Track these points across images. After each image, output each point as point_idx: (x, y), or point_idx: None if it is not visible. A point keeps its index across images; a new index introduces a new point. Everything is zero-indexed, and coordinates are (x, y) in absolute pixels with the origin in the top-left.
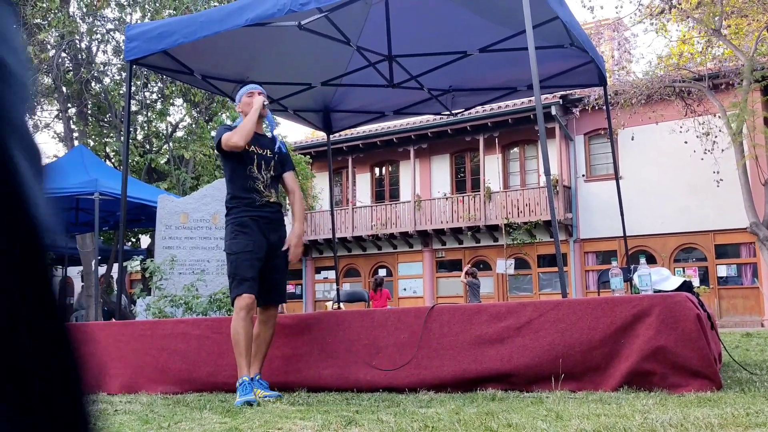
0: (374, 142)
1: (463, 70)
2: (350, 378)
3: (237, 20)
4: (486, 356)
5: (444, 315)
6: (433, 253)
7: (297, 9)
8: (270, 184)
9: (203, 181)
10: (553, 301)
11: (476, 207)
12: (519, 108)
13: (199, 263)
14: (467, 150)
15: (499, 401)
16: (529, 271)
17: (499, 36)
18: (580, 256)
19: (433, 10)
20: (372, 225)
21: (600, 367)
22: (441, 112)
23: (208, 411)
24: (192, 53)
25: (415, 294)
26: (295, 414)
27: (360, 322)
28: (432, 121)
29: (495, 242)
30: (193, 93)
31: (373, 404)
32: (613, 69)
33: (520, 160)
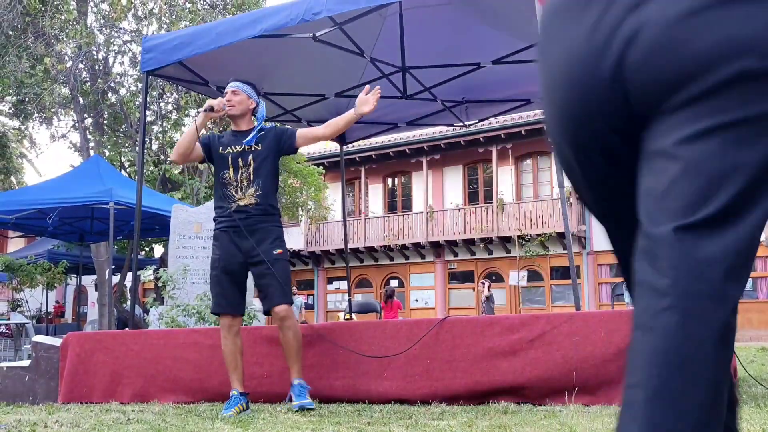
0: (387, 153)
1: (476, 81)
2: (361, 389)
3: (251, 31)
4: (498, 369)
5: (456, 327)
6: (446, 264)
7: (309, 19)
8: (248, 182)
9: None
10: (567, 313)
11: (489, 218)
12: (532, 119)
13: None
14: (480, 161)
15: (512, 414)
16: (541, 283)
17: (513, 48)
18: (593, 268)
19: (446, 23)
20: (384, 236)
21: (614, 381)
22: (454, 123)
23: (219, 421)
24: (207, 64)
25: (426, 305)
26: (306, 425)
27: (372, 333)
28: (445, 132)
29: (508, 254)
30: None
31: (385, 416)
32: None
33: (533, 171)
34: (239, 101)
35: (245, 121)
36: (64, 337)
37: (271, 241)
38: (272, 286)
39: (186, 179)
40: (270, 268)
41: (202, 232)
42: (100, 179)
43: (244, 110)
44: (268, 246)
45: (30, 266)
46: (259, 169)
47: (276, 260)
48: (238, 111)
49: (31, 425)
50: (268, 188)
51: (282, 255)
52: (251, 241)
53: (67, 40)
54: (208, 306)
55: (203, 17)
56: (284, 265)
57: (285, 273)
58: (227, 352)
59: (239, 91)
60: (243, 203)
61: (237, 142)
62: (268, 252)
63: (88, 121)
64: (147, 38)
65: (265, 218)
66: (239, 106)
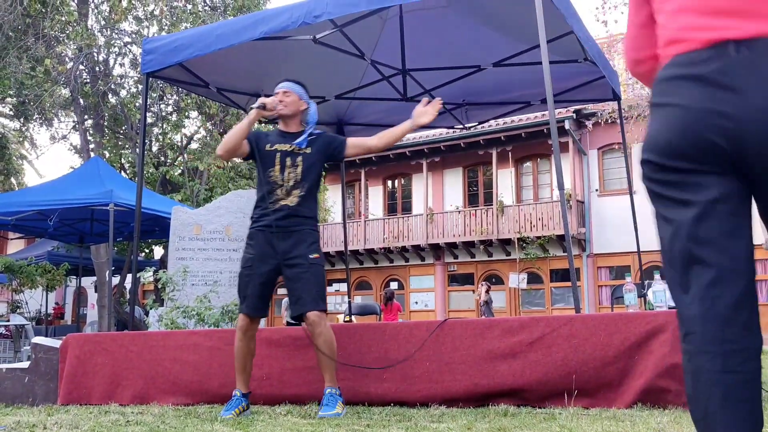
0: (387, 155)
1: (476, 83)
2: (361, 391)
3: (252, 33)
4: (498, 371)
5: (456, 329)
6: (445, 266)
7: (310, 21)
8: (295, 184)
9: (217, 193)
10: (566, 316)
11: (489, 221)
12: (532, 122)
13: (212, 275)
14: (480, 163)
15: (512, 417)
16: (541, 285)
17: (513, 50)
18: (593, 271)
19: (447, 25)
20: (384, 238)
21: (614, 384)
22: (454, 125)
23: (219, 423)
24: (207, 66)
25: (426, 307)
26: (306, 427)
27: (371, 335)
28: (445, 135)
29: (507, 256)
30: (208, 105)
31: (384, 418)
32: (627, 83)
33: (533, 174)
34: (291, 101)
35: (294, 122)
36: (63, 339)
37: (308, 244)
38: (305, 290)
39: (186, 181)
40: (306, 271)
41: (201, 234)
42: (100, 181)
43: (294, 111)
44: (305, 249)
45: (30, 267)
46: (306, 172)
47: (312, 264)
48: (289, 111)
49: (30, 427)
50: (311, 192)
51: (318, 260)
52: (289, 242)
53: (67, 41)
54: (208, 308)
55: (204, 19)
56: (320, 270)
57: (320, 278)
58: (238, 354)
59: (291, 92)
60: (284, 203)
61: (285, 141)
62: (305, 255)
63: (88, 122)
64: (147, 40)
65: (304, 221)
66: (291, 106)
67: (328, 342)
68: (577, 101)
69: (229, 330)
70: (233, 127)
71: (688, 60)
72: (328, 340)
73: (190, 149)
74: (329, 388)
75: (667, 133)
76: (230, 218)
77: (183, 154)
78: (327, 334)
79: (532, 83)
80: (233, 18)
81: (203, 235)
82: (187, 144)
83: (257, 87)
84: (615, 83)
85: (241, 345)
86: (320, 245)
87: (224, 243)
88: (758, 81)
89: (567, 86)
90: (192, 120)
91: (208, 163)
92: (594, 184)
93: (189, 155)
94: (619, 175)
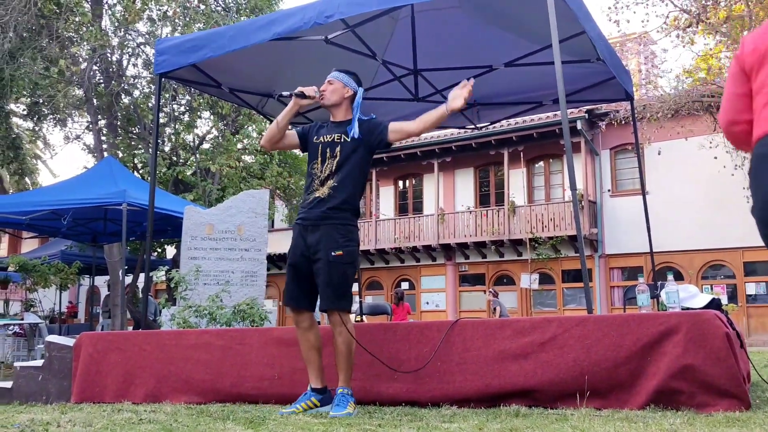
0: (398, 155)
1: (488, 84)
2: (372, 391)
3: (265, 34)
4: (509, 371)
5: (467, 329)
6: (456, 266)
7: (322, 21)
8: (330, 174)
9: (229, 193)
10: (579, 317)
11: (500, 221)
12: (544, 122)
13: (224, 274)
14: (491, 164)
15: (523, 417)
16: (553, 286)
17: (525, 50)
18: (605, 271)
19: (458, 25)
20: (395, 238)
21: (626, 385)
22: (466, 125)
23: (231, 422)
24: (220, 67)
25: (437, 308)
26: (317, 426)
27: (382, 335)
28: (456, 135)
29: (519, 257)
30: (220, 106)
31: (396, 418)
32: (641, 83)
33: (545, 174)
34: (333, 90)
35: (341, 110)
36: (77, 338)
37: (333, 240)
38: (322, 288)
39: (198, 181)
40: (324, 268)
41: (213, 234)
42: (113, 180)
43: (338, 99)
44: (328, 245)
45: (43, 267)
46: (343, 162)
47: (332, 262)
48: (331, 100)
49: (44, 425)
50: (348, 183)
51: (341, 258)
52: (316, 236)
53: (81, 42)
54: (220, 307)
55: (216, 20)
56: (339, 268)
57: (337, 277)
58: (301, 348)
59: (334, 80)
60: (317, 195)
61: (334, 131)
62: (327, 251)
63: (101, 122)
64: (160, 41)
65: (335, 213)
66: (333, 95)
67: (346, 342)
68: (589, 101)
69: (241, 330)
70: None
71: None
72: (347, 341)
73: (202, 149)
74: (341, 388)
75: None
76: (242, 218)
77: (195, 154)
78: (345, 334)
79: (544, 83)
80: (246, 20)
81: (215, 234)
82: (199, 144)
83: (269, 87)
84: (627, 83)
85: (299, 338)
86: (354, 239)
87: (236, 243)
88: None
89: (579, 86)
90: (204, 120)
91: (220, 164)
92: (606, 185)
93: (201, 155)
94: (631, 175)
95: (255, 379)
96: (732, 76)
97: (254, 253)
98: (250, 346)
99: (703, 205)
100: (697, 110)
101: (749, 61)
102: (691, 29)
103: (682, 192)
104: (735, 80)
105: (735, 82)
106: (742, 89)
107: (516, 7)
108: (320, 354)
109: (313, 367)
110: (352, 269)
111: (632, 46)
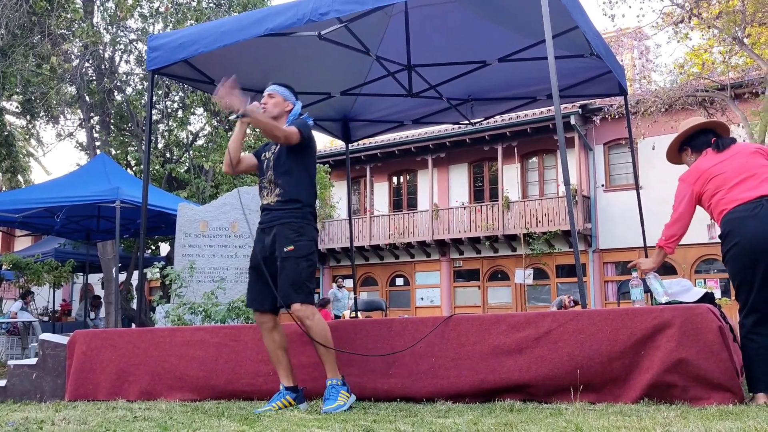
0: (392, 151)
1: (482, 79)
2: (367, 387)
3: (257, 29)
4: (504, 366)
5: (462, 325)
6: (451, 262)
7: (316, 19)
8: (273, 182)
9: (222, 190)
10: (573, 311)
11: (494, 216)
12: (538, 117)
13: (218, 271)
14: (485, 159)
15: (518, 412)
16: (547, 281)
17: (519, 45)
18: (599, 266)
19: (452, 20)
20: (389, 234)
21: (620, 379)
22: (460, 121)
23: (226, 419)
24: (213, 63)
25: (432, 303)
26: (313, 423)
27: (377, 331)
28: (450, 131)
29: (513, 252)
30: (214, 102)
31: (391, 414)
32: (635, 78)
33: (539, 169)
34: (275, 104)
35: (281, 123)
36: (71, 335)
37: (285, 236)
38: (281, 285)
39: (192, 178)
40: (281, 265)
41: (208, 231)
42: (106, 178)
43: (279, 112)
44: (281, 242)
45: (37, 264)
46: (282, 169)
47: (285, 258)
48: (273, 113)
49: (38, 423)
50: (290, 185)
51: (293, 252)
52: (270, 237)
53: (73, 39)
54: (215, 304)
55: (209, 16)
56: (293, 263)
57: (293, 271)
58: (267, 348)
59: (275, 93)
60: (265, 202)
61: (272, 145)
62: (280, 249)
63: (94, 119)
64: (153, 37)
65: (284, 214)
66: (274, 108)
67: (320, 332)
68: (583, 96)
69: (235, 326)
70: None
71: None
72: (320, 331)
73: (195, 146)
74: (330, 379)
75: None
76: (236, 215)
77: (189, 151)
78: (317, 325)
79: (538, 78)
80: (238, 15)
81: (209, 231)
82: (192, 141)
83: (263, 83)
84: (621, 78)
85: (264, 339)
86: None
87: (230, 239)
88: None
89: (573, 81)
90: (198, 117)
91: (213, 161)
92: (600, 180)
93: (195, 152)
94: (625, 170)
95: (249, 376)
96: (684, 199)
97: (248, 250)
98: (245, 343)
99: None
100: (690, 105)
101: (697, 187)
102: (683, 24)
103: (675, 187)
104: (690, 202)
105: (690, 203)
106: (693, 209)
107: (509, 2)
108: (287, 353)
109: (282, 367)
110: (306, 263)
111: (627, 41)
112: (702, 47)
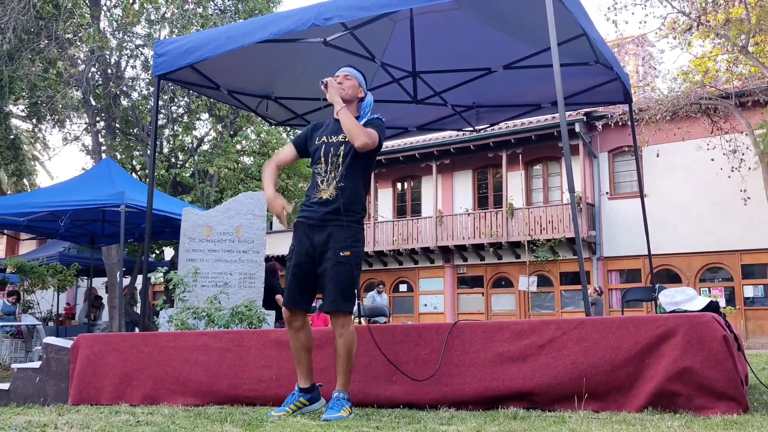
0: (397, 157)
1: (487, 86)
2: (370, 393)
3: (262, 35)
4: (508, 374)
5: (466, 332)
6: (455, 269)
7: (320, 23)
8: (337, 174)
9: (227, 195)
10: (577, 319)
11: (498, 223)
12: (543, 125)
13: (222, 276)
14: (490, 166)
15: (521, 420)
16: (551, 288)
17: (524, 53)
18: (603, 274)
19: (457, 28)
20: (393, 240)
21: (624, 388)
22: (464, 128)
23: (228, 424)
24: (218, 68)
25: (435, 310)
26: (315, 429)
27: (381, 338)
28: (454, 137)
29: (517, 259)
30: (219, 107)
31: (394, 420)
32: (638, 85)
33: (543, 176)
34: (351, 86)
35: (350, 109)
36: (74, 339)
37: (341, 240)
38: (328, 289)
39: (196, 182)
40: (331, 269)
41: (212, 236)
42: (111, 182)
43: (352, 96)
44: (336, 245)
45: (41, 268)
46: (349, 163)
47: (339, 263)
48: (348, 94)
49: (41, 426)
50: (354, 183)
51: (348, 258)
52: (323, 236)
53: (80, 44)
54: (219, 309)
55: (214, 22)
56: (347, 269)
57: (344, 277)
58: (292, 347)
59: (352, 76)
60: (323, 196)
61: (336, 131)
62: (334, 252)
63: (100, 124)
64: (159, 42)
65: (343, 215)
66: (350, 90)
67: (347, 345)
68: (588, 104)
69: (239, 331)
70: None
71: None
72: (348, 343)
73: (200, 151)
74: (338, 392)
75: None
76: (240, 220)
77: (193, 155)
78: (347, 337)
79: (543, 86)
80: (244, 21)
81: (213, 236)
82: (197, 146)
83: (268, 89)
84: (626, 85)
85: (290, 338)
86: (361, 240)
87: (234, 244)
88: None
89: (578, 89)
90: (203, 122)
91: (218, 166)
92: (604, 187)
93: (199, 157)
94: (629, 177)
95: (253, 381)
96: None
97: (252, 255)
98: (248, 348)
99: (702, 208)
100: (695, 112)
101: None
102: (689, 32)
103: (680, 194)
104: None
105: None
106: None
107: (515, 9)
108: (310, 353)
109: (302, 367)
110: (358, 271)
111: (630, 47)
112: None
